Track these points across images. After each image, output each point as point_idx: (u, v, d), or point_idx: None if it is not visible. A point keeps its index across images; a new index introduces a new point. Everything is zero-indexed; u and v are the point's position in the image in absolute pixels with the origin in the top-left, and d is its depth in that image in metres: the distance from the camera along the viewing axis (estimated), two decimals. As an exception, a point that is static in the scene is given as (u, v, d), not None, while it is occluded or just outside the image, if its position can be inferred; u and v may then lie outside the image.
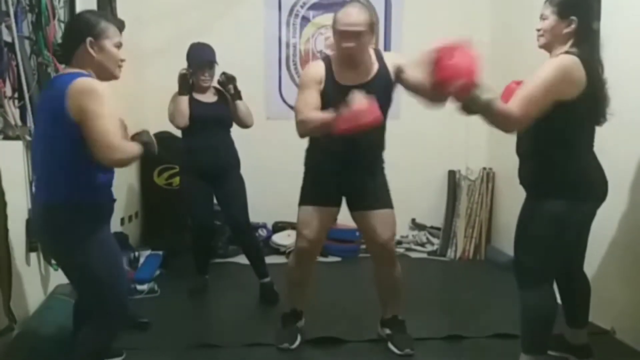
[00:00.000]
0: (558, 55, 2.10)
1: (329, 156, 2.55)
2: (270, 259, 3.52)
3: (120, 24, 2.04)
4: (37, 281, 2.68)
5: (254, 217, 3.45)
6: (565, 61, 2.05)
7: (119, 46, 1.98)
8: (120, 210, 3.98)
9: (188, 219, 3.76)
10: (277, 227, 4.65)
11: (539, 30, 2.20)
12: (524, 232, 2.23)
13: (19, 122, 2.54)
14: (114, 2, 3.59)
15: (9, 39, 2.46)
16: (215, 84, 3.43)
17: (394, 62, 2.54)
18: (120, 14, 3.60)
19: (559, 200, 2.12)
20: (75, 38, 1.93)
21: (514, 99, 2.04)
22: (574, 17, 2.11)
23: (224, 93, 3.39)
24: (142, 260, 3.81)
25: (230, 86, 3.31)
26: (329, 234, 3.42)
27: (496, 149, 4.57)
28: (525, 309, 2.22)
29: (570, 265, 2.40)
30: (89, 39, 1.90)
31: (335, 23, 2.43)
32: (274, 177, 4.37)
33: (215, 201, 3.51)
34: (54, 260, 2.17)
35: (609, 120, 2.19)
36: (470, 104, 2.09)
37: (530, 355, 2.22)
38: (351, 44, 2.39)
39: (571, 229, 2.19)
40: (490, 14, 4.71)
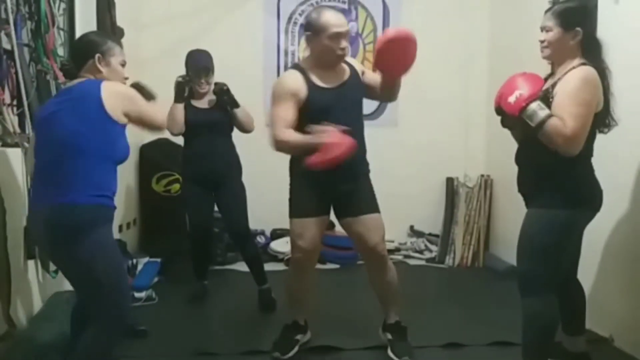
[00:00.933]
0: (578, 67, 2.10)
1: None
2: (268, 266, 3.52)
3: (120, 32, 2.08)
4: (35, 288, 2.67)
5: (253, 224, 3.45)
6: (590, 73, 2.07)
7: (123, 65, 2.12)
8: (119, 217, 3.97)
9: (186, 226, 3.75)
10: (276, 234, 4.64)
11: (542, 42, 2.19)
12: (526, 240, 2.23)
13: (17, 130, 2.54)
14: (114, 9, 3.59)
15: (8, 47, 2.46)
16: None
17: (359, 67, 2.69)
18: (119, 20, 3.61)
19: (559, 209, 2.13)
20: (83, 55, 2.05)
21: (562, 119, 2.03)
22: (578, 28, 2.12)
23: (220, 98, 3.38)
24: (140, 267, 3.80)
25: (225, 97, 3.30)
26: (328, 241, 3.43)
27: (494, 157, 4.59)
28: (528, 317, 2.21)
29: (567, 274, 2.40)
30: (98, 55, 2.04)
31: (327, 27, 2.45)
32: (273, 184, 4.33)
33: (216, 208, 3.51)
34: (58, 264, 2.17)
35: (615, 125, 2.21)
36: (508, 120, 2.18)
37: (531, 363, 2.22)
38: (346, 44, 2.50)
39: (571, 237, 2.21)
40: (488, 19, 4.74)
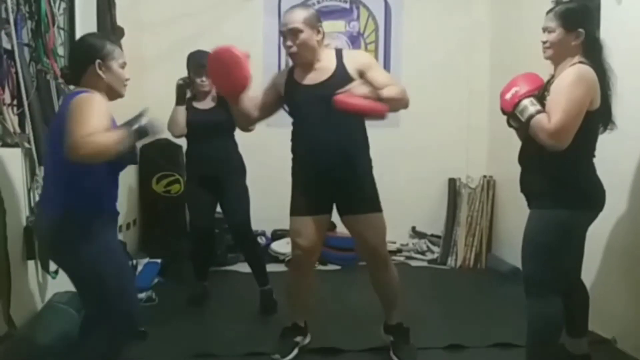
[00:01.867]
0: (573, 65, 2.10)
1: (312, 164, 2.56)
2: (269, 267, 3.50)
3: (120, 32, 2.06)
4: (34, 289, 2.66)
5: (253, 225, 3.44)
6: (584, 71, 2.07)
7: (123, 66, 2.07)
8: (119, 218, 3.96)
9: (188, 226, 3.74)
10: (276, 235, 4.64)
11: (544, 43, 2.19)
12: (530, 242, 2.22)
13: (17, 130, 2.53)
14: (114, 9, 3.59)
15: (8, 46, 2.45)
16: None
17: (355, 62, 2.51)
18: (120, 20, 3.60)
19: (563, 209, 2.12)
20: (83, 61, 2.01)
21: (552, 115, 2.04)
22: (581, 29, 2.12)
23: (223, 98, 3.38)
24: (140, 268, 3.79)
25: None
26: (329, 242, 3.42)
27: (496, 157, 4.57)
28: (533, 318, 2.21)
29: (570, 275, 2.39)
30: (98, 61, 1.99)
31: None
32: (274, 184, 4.32)
33: (219, 208, 3.50)
34: (63, 268, 2.17)
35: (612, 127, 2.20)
36: (513, 119, 2.18)
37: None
38: (289, 43, 2.47)
39: (574, 238, 2.20)
40: (490, 18, 4.73)
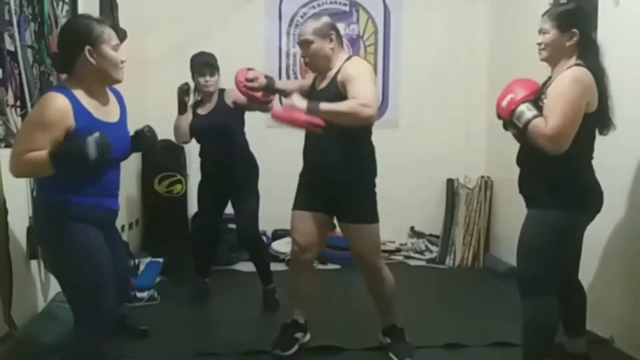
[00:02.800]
0: (570, 68, 2.11)
1: (307, 166, 2.67)
2: (270, 266, 3.53)
3: (123, 34, 2.05)
4: (37, 288, 2.68)
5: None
6: (581, 73, 2.08)
7: (116, 48, 1.95)
8: (121, 218, 3.96)
9: (189, 225, 3.75)
10: (277, 235, 4.65)
11: (540, 44, 2.21)
12: (526, 241, 2.23)
13: (21, 130, 2.56)
14: (116, 11, 3.61)
15: (11, 48, 2.47)
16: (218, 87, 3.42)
17: (343, 73, 2.48)
18: (122, 22, 3.62)
19: (560, 210, 2.14)
20: (73, 49, 1.91)
21: (549, 119, 2.06)
22: (575, 30, 2.13)
23: (223, 100, 3.39)
24: (142, 267, 3.81)
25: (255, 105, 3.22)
26: (328, 242, 3.42)
27: (494, 158, 4.59)
28: (528, 317, 2.22)
29: (567, 275, 2.41)
30: (87, 47, 1.89)
31: None
32: (274, 184, 4.36)
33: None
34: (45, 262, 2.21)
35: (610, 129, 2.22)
36: (510, 124, 2.20)
37: (531, 363, 2.23)
38: (302, 54, 2.62)
39: (572, 238, 2.22)
40: (488, 20, 4.75)
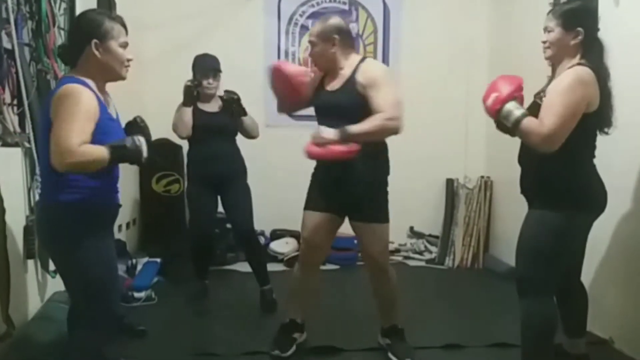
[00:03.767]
0: (572, 67, 2.10)
1: (322, 166, 2.63)
2: (268, 267, 3.52)
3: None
4: (34, 288, 2.67)
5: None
6: (583, 73, 2.07)
7: (124, 46, 1.95)
8: (118, 217, 3.95)
9: (187, 225, 3.74)
10: (275, 235, 4.65)
11: (544, 43, 2.20)
12: (525, 242, 2.22)
13: (17, 129, 2.54)
14: (114, 9, 3.60)
15: (8, 46, 2.46)
16: (220, 92, 3.44)
17: (364, 76, 2.47)
18: (120, 21, 3.61)
19: (561, 210, 2.12)
20: (80, 40, 1.92)
21: (544, 117, 2.04)
22: (580, 29, 2.12)
23: (227, 103, 3.40)
24: (139, 267, 3.79)
25: (234, 106, 3.32)
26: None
27: (494, 158, 4.59)
28: (527, 318, 2.21)
29: (569, 276, 2.40)
30: (94, 40, 1.89)
31: None
32: (273, 184, 4.37)
33: (221, 208, 3.53)
34: (52, 261, 2.17)
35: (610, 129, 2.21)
36: (501, 123, 2.16)
37: (530, 364, 2.22)
38: (311, 52, 2.64)
39: (572, 240, 2.21)
40: (488, 20, 4.74)
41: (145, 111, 4.27)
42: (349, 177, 2.54)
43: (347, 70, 2.55)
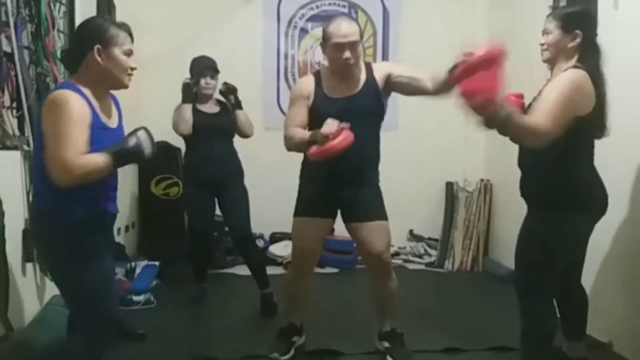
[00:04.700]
0: (567, 70, 2.11)
1: (323, 169, 2.53)
2: (267, 270, 3.51)
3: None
4: (32, 291, 2.66)
5: (252, 228, 3.46)
6: (577, 75, 2.07)
7: (129, 54, 1.93)
8: (118, 221, 3.94)
9: (186, 228, 3.74)
10: (275, 238, 4.65)
11: (542, 45, 2.21)
12: (525, 245, 2.22)
13: (17, 132, 2.54)
14: (114, 11, 3.61)
15: (8, 49, 2.46)
16: (217, 94, 3.46)
17: (382, 72, 2.57)
18: (119, 23, 3.62)
19: (561, 213, 2.12)
20: (83, 45, 1.88)
21: (535, 113, 2.04)
22: (578, 31, 2.13)
23: (226, 104, 3.42)
24: (138, 270, 3.79)
25: (231, 96, 3.36)
26: (326, 245, 3.42)
27: (494, 161, 4.59)
28: (526, 322, 2.21)
29: (569, 278, 2.40)
30: (97, 46, 1.86)
31: (329, 36, 2.46)
32: (272, 187, 4.36)
33: (219, 211, 3.52)
34: (46, 266, 2.17)
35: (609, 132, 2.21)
36: (490, 120, 2.09)
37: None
38: (348, 55, 2.43)
39: (572, 243, 2.21)
40: (487, 24, 4.75)
41: (143, 113, 4.29)
42: (360, 180, 2.55)
43: (360, 75, 2.54)
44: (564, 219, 2.12)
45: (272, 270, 3.76)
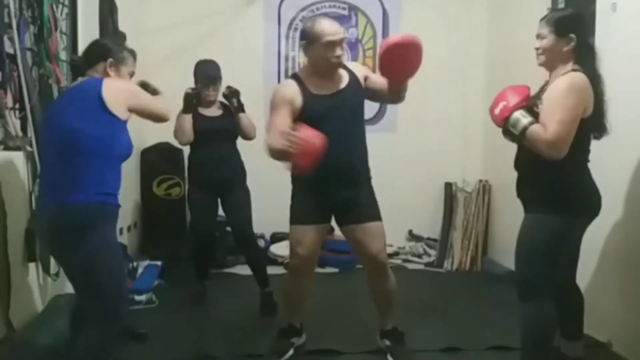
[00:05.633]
0: (566, 74, 2.12)
1: (321, 172, 2.44)
2: (268, 270, 3.52)
3: (122, 37, 2.10)
4: (35, 291, 2.68)
5: (253, 228, 3.48)
6: (578, 79, 2.09)
7: (131, 75, 2.18)
8: (119, 221, 3.94)
9: (188, 228, 3.76)
10: (275, 238, 4.66)
11: (537, 49, 2.22)
12: (523, 245, 2.24)
13: (19, 133, 2.56)
14: (116, 14, 3.62)
15: (11, 51, 2.48)
16: (220, 98, 3.49)
17: (360, 72, 2.65)
18: (122, 26, 3.64)
19: (557, 214, 2.14)
20: (97, 56, 2.12)
21: (547, 125, 2.06)
22: (572, 35, 2.14)
23: (229, 107, 3.45)
24: (140, 270, 3.81)
25: (234, 99, 3.39)
26: (327, 245, 3.44)
27: (492, 161, 4.60)
28: (526, 321, 2.23)
29: (564, 278, 2.42)
30: (110, 59, 2.10)
31: (319, 36, 2.46)
32: (273, 188, 4.33)
33: (220, 211, 3.56)
34: (60, 263, 2.20)
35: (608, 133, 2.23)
36: (507, 131, 2.17)
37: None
38: (340, 52, 2.48)
39: (569, 243, 2.22)
40: (487, 25, 4.77)
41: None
42: (356, 178, 2.57)
43: (341, 72, 2.58)
44: (559, 220, 2.14)
45: (272, 270, 3.78)
